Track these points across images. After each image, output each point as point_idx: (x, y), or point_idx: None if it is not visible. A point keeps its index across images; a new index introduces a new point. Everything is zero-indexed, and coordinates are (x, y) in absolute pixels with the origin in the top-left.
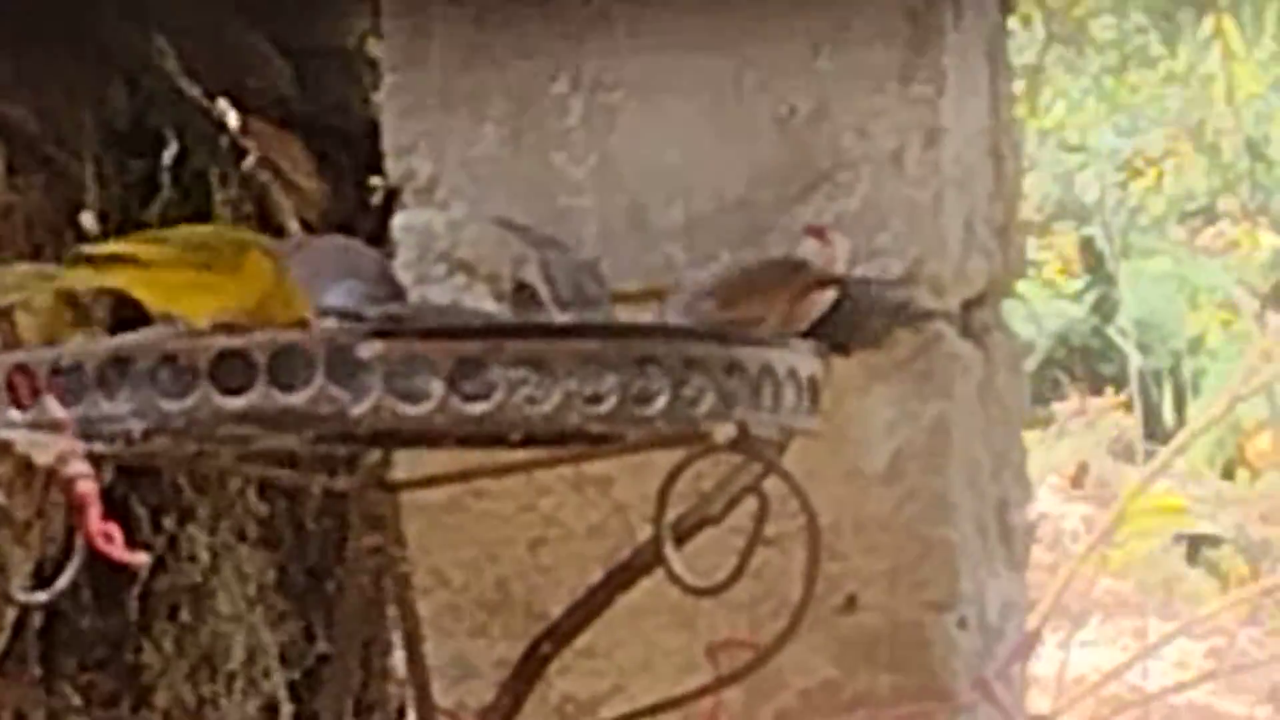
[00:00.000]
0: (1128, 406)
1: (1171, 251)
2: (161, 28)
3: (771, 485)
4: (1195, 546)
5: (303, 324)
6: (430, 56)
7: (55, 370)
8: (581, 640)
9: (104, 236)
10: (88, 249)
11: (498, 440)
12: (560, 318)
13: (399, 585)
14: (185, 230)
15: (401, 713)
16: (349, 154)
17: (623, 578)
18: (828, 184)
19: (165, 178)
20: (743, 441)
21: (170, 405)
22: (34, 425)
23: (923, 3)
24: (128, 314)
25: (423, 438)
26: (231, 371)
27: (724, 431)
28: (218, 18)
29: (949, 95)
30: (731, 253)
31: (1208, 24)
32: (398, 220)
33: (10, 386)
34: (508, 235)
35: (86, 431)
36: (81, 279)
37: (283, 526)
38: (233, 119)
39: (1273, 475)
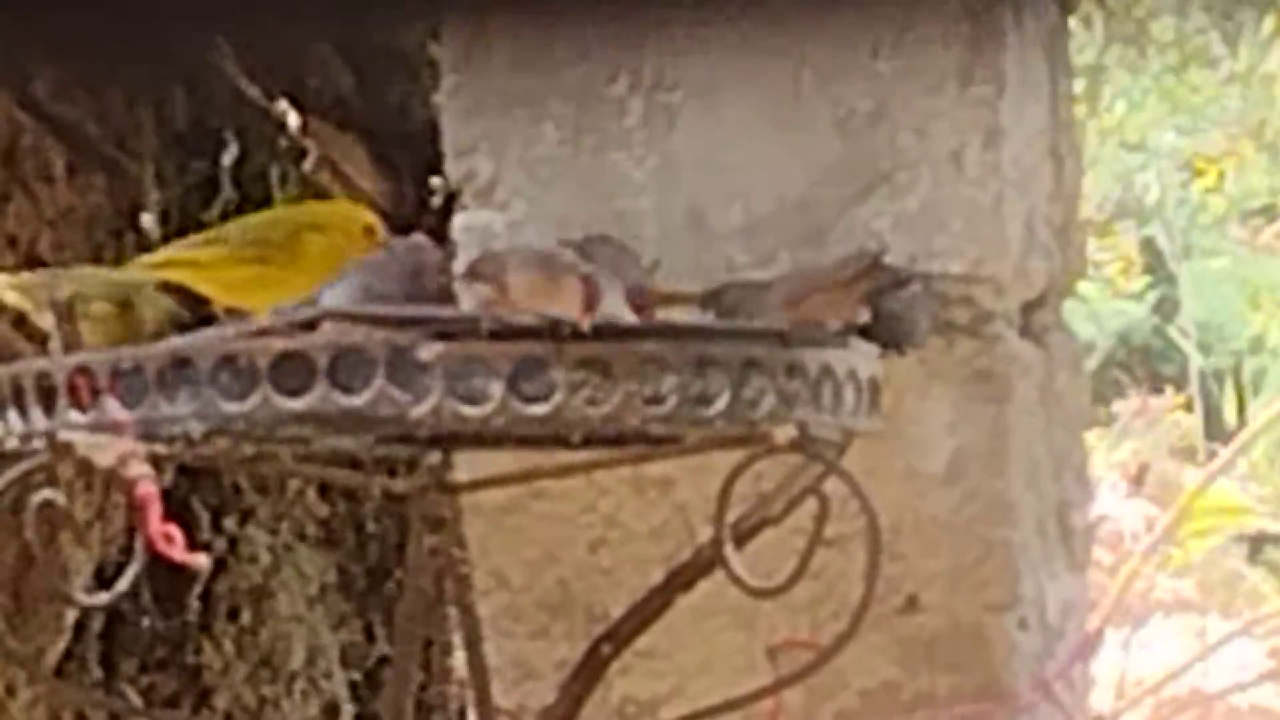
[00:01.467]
0: (1189, 406)
1: (1232, 251)
2: (221, 29)
3: (832, 486)
4: (1257, 546)
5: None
6: (490, 57)
7: (116, 372)
8: (642, 641)
9: (164, 238)
10: (145, 259)
11: (558, 441)
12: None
13: (459, 586)
14: (240, 222)
15: (462, 714)
16: (409, 155)
17: (683, 579)
18: (887, 185)
19: (225, 179)
20: (803, 442)
21: (230, 407)
22: (95, 427)
23: (982, 3)
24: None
25: (483, 439)
26: (292, 373)
27: (784, 432)
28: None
29: (1009, 96)
30: (791, 253)
31: (1268, 24)
32: (458, 221)
33: (71, 388)
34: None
35: (147, 433)
36: (143, 276)
37: (343, 528)
38: (293, 120)
39: None
